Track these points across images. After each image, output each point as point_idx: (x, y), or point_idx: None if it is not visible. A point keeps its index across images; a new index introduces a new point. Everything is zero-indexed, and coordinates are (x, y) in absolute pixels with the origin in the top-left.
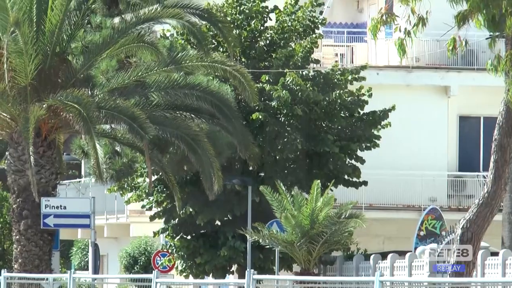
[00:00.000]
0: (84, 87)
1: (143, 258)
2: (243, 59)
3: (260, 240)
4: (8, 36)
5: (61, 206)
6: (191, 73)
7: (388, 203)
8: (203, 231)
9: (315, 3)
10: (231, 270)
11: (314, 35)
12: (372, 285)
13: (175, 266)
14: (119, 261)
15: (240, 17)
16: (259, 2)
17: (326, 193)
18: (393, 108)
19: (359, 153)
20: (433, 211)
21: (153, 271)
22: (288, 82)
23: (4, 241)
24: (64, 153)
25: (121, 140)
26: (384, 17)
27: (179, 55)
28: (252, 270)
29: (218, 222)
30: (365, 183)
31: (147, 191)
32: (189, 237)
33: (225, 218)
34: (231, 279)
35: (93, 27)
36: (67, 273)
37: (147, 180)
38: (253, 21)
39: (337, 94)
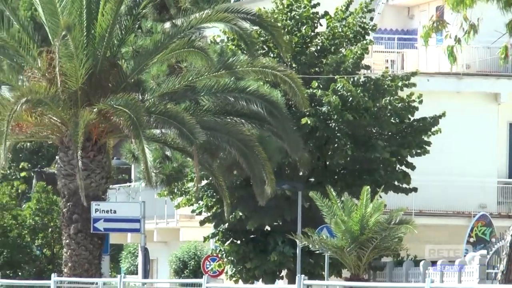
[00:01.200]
0: (135, 91)
1: (192, 263)
2: (293, 65)
3: (310, 246)
4: (59, 41)
5: (111, 210)
6: (241, 78)
7: (438, 210)
8: (253, 236)
9: (365, 9)
10: (280, 275)
11: (364, 41)
12: None
13: (225, 270)
14: (169, 265)
15: (290, 22)
16: (310, 8)
17: (376, 199)
18: (443, 114)
19: (409, 159)
20: (483, 217)
21: (203, 276)
22: (339, 88)
23: (54, 245)
24: (114, 158)
25: (171, 145)
26: (435, 24)
27: (229, 60)
28: (303, 275)
29: (267, 227)
30: (415, 189)
31: (196, 195)
32: (239, 242)
33: (274, 223)
34: (281, 284)
35: (144, 32)
36: (117, 277)
37: (196, 184)
38: (304, 27)
39: (388, 100)
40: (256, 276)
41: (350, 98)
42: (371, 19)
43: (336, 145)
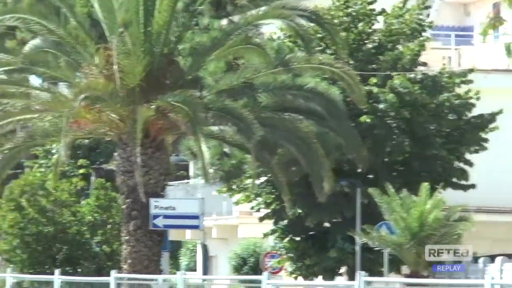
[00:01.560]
0: (192, 88)
1: (252, 259)
2: (350, 62)
3: (369, 242)
4: (116, 37)
5: (170, 207)
6: (299, 75)
7: (497, 206)
8: (312, 232)
9: (422, 6)
10: (339, 272)
11: (421, 38)
12: None
13: (285, 267)
14: (228, 262)
15: (347, 19)
16: (366, 5)
17: (435, 195)
18: (501, 111)
19: (467, 156)
20: None
21: (264, 273)
22: (396, 85)
23: (113, 242)
24: (173, 154)
25: (230, 142)
26: (492, 22)
27: (287, 57)
28: (363, 272)
29: (326, 224)
30: (473, 186)
31: (254, 192)
32: (298, 239)
33: (333, 220)
34: (340, 281)
35: (201, 28)
36: (176, 274)
37: (255, 181)
38: (360, 24)
39: (445, 97)
40: (315, 273)
41: (408, 95)
42: (428, 16)
43: (394, 142)
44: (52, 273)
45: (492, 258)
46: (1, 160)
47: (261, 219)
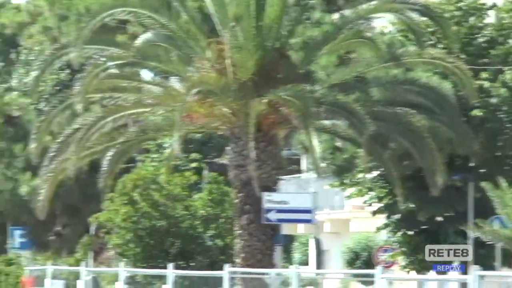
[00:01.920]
0: (304, 82)
1: (365, 254)
2: (462, 56)
3: (482, 236)
4: (228, 32)
5: (282, 201)
6: (410, 69)
7: None
8: (424, 227)
9: None
10: (452, 267)
11: None
12: None
13: (397, 261)
14: (341, 256)
15: (458, 13)
16: None
17: None
18: None
19: None
20: None
21: (377, 267)
22: (508, 80)
23: (226, 236)
24: (285, 148)
25: (342, 136)
26: None
27: (398, 51)
28: (476, 266)
29: (438, 218)
30: None
31: (367, 186)
32: (411, 233)
33: (445, 214)
34: (453, 275)
35: (312, 22)
36: (289, 268)
37: (367, 175)
38: (472, 18)
39: None
40: (428, 267)
41: None
42: None
43: (506, 136)
44: (165, 267)
45: None
46: (113, 154)
47: (374, 213)
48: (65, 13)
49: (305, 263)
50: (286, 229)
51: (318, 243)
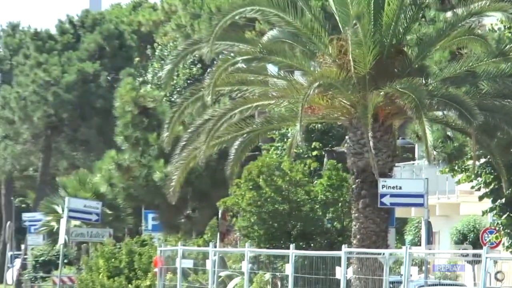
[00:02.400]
0: (418, 76)
1: (472, 235)
2: None
3: None
4: (350, 29)
5: (396, 186)
6: None
7: None
8: None
9: None
10: None
11: None
12: None
13: (502, 242)
14: (450, 237)
15: None
16: None
17: None
18: None
19: None
20: None
21: (483, 247)
22: None
23: (344, 219)
24: (399, 138)
25: (452, 126)
26: None
27: (507, 47)
28: None
29: None
30: None
31: (474, 172)
32: None
33: None
34: None
35: (427, 20)
36: (402, 248)
37: (476, 162)
38: None
39: None
40: None
41: None
42: None
43: None
44: (287, 248)
45: None
46: (240, 143)
47: (481, 198)
48: (197, 12)
49: (416, 244)
50: (399, 212)
51: (429, 225)
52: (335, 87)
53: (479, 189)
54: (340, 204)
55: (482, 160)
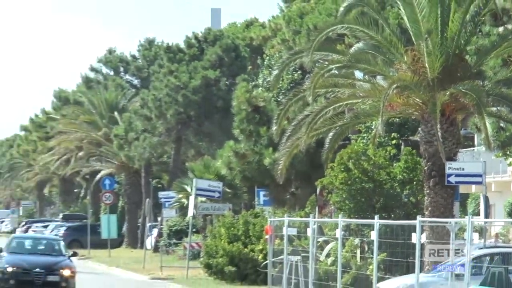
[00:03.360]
0: (477, 79)
1: None
2: None
3: None
4: (422, 42)
5: (460, 168)
6: None
7: None
8: None
9: None
10: None
11: None
12: None
13: None
14: (503, 209)
15: None
16: None
17: None
18: None
19: None
20: None
21: None
22: None
23: (417, 194)
24: (462, 129)
25: (505, 119)
26: None
27: None
28: None
29: None
30: None
31: None
32: None
33: None
34: None
35: (483, 34)
36: (465, 218)
37: None
38: None
39: None
40: None
41: None
42: None
43: None
44: (372, 218)
45: None
46: (333, 134)
47: None
48: (298, 29)
49: (476, 214)
50: (462, 189)
51: (486, 199)
52: (410, 88)
53: None
54: (414, 182)
55: None
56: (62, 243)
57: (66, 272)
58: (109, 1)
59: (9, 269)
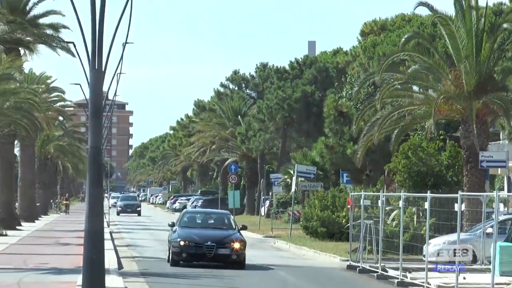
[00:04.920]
0: (502, 91)
1: None
2: None
3: None
4: (462, 64)
5: (490, 156)
6: None
7: None
8: None
9: None
10: None
11: None
12: None
13: None
14: None
15: None
16: None
17: None
18: None
19: None
20: None
21: None
22: None
23: (458, 175)
24: (491, 127)
25: None
26: None
27: None
28: None
29: None
30: None
31: None
32: None
33: None
34: None
35: (507, 58)
36: (493, 192)
37: None
38: None
39: None
40: None
41: None
42: None
43: None
44: (426, 193)
45: None
46: (397, 132)
47: None
48: (371, 55)
49: (501, 189)
50: (491, 171)
51: (508, 179)
52: (453, 98)
53: None
54: (456, 166)
55: None
56: (231, 217)
57: (236, 245)
58: (233, 37)
59: (181, 243)
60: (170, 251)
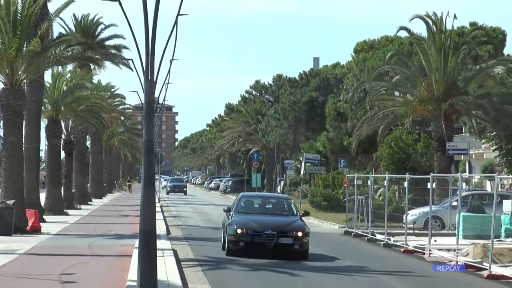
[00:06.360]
0: (464, 95)
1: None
2: None
3: None
4: (433, 75)
5: (454, 145)
6: None
7: None
8: None
9: None
10: None
11: None
12: None
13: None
14: (479, 169)
15: None
16: None
17: None
18: None
19: None
20: None
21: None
22: None
23: (430, 161)
24: (456, 123)
25: (480, 118)
26: None
27: (505, 81)
28: None
29: None
30: None
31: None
32: None
33: None
34: None
35: (468, 69)
36: (456, 174)
37: None
38: None
39: None
40: None
41: None
42: None
43: None
44: (405, 175)
45: None
46: (383, 127)
47: (494, 150)
48: (363, 68)
49: (463, 171)
50: (456, 158)
51: (469, 163)
52: (426, 101)
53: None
54: (428, 154)
55: (493, 133)
56: (292, 201)
57: (299, 233)
58: (255, 54)
59: (239, 231)
60: (226, 239)
